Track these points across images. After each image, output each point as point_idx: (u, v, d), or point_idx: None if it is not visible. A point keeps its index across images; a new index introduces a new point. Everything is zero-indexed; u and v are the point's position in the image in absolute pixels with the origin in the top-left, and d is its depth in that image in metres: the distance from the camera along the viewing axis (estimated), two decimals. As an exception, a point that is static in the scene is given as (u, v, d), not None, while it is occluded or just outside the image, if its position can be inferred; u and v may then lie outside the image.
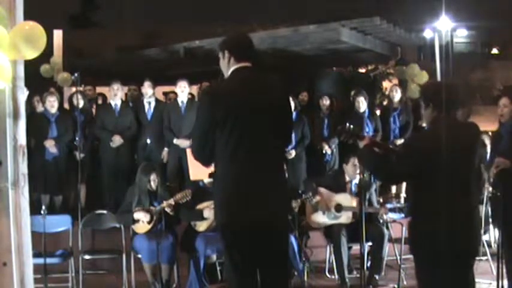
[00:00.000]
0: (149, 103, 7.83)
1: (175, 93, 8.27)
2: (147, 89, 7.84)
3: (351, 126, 3.76)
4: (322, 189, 6.14)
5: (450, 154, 3.37)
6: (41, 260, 5.33)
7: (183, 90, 7.57)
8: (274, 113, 3.40)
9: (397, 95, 8.43)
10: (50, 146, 7.32)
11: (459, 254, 3.43)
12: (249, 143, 3.34)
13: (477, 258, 6.32)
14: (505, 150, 5.05)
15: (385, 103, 9.18)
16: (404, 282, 5.96)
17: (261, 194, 3.35)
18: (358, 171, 6.15)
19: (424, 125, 8.24)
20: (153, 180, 5.88)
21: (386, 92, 10.28)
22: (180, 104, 7.60)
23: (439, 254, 3.40)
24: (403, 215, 6.27)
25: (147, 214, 5.73)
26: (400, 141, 7.91)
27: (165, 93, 10.03)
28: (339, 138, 6.09)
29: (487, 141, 7.57)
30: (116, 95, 7.72)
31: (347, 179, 6.27)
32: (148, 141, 7.72)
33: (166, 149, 7.65)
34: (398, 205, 6.33)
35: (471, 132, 3.61)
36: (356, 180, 6.22)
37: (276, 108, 3.42)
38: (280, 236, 3.49)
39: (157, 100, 8.02)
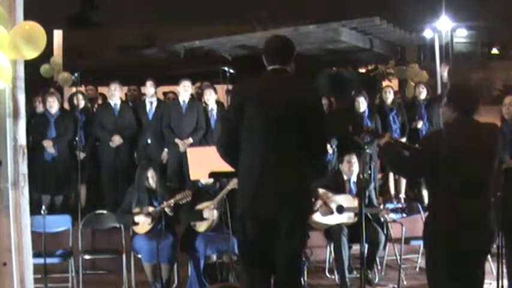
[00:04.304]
0: (151, 103, 7.82)
1: (175, 93, 8.25)
2: (149, 88, 7.82)
3: (370, 125, 3.88)
4: (321, 191, 6.13)
5: (467, 154, 3.45)
6: (41, 260, 5.33)
7: (186, 90, 7.58)
8: (298, 115, 3.42)
9: (390, 96, 8.44)
10: (48, 146, 7.32)
11: (469, 253, 3.50)
12: (262, 141, 3.39)
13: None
14: (509, 149, 5.03)
15: (376, 101, 9.17)
16: (404, 282, 5.95)
17: (273, 190, 3.38)
18: (353, 168, 6.24)
19: (419, 126, 8.30)
20: (151, 177, 5.87)
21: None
22: (181, 103, 7.60)
23: (450, 252, 3.48)
24: (404, 214, 6.26)
25: (147, 218, 5.72)
26: (403, 140, 7.90)
27: (165, 93, 10.03)
28: (358, 136, 6.20)
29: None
30: (114, 95, 7.69)
31: (345, 177, 6.30)
32: (149, 141, 7.72)
33: (166, 149, 7.65)
34: (399, 205, 6.32)
35: (491, 134, 3.65)
36: (354, 179, 6.25)
37: (300, 112, 3.43)
38: (290, 233, 3.45)
39: (159, 100, 8.01)
